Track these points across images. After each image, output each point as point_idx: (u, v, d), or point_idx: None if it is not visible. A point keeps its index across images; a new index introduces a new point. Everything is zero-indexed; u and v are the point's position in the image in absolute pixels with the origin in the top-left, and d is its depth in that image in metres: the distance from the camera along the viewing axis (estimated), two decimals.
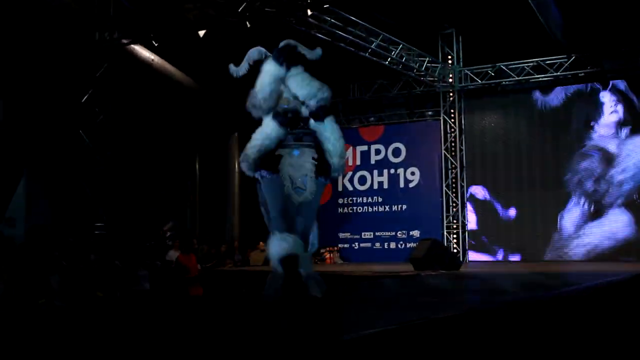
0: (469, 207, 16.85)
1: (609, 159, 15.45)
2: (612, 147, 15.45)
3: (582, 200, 15.58)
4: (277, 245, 5.20)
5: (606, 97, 15.57)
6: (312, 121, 5.29)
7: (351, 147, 17.94)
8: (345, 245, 17.84)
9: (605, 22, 14.44)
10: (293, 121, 5.22)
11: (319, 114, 5.22)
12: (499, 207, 16.53)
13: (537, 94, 16.26)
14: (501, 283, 8.04)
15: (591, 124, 15.67)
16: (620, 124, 15.41)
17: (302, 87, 5.21)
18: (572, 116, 15.88)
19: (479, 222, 16.76)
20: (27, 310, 8.97)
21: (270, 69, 5.21)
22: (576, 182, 15.69)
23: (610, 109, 15.53)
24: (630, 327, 6.72)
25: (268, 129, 5.19)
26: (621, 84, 15.42)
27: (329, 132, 5.30)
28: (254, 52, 5.53)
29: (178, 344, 3.57)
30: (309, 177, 5.22)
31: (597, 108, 15.65)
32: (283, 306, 5.23)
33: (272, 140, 5.17)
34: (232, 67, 5.52)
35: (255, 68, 5.50)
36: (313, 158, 5.28)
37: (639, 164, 15.17)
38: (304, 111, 5.29)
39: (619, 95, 15.48)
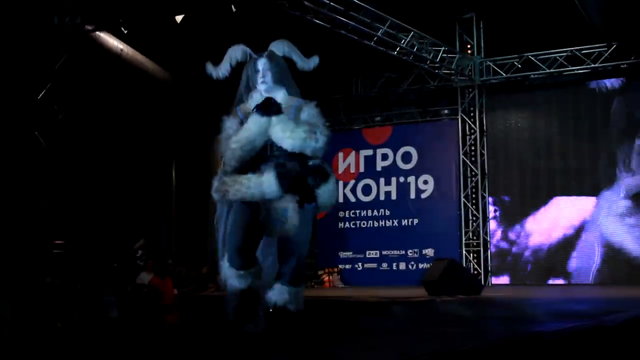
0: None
1: None
2: None
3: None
4: (235, 281, 5.28)
5: None
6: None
7: (353, 152, 17.96)
8: (347, 266, 17.82)
9: None
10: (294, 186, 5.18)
11: (318, 178, 5.19)
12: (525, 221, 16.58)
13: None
14: (529, 310, 8.02)
15: None
16: None
17: (284, 140, 5.17)
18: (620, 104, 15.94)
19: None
20: None
21: (257, 121, 5.21)
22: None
23: None
24: None
25: (268, 190, 5.12)
26: None
27: (323, 190, 5.26)
28: (237, 52, 5.50)
29: None
30: (291, 207, 5.19)
31: None
32: (272, 339, 5.20)
33: (264, 199, 5.15)
34: (209, 66, 5.49)
35: (238, 70, 5.49)
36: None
37: None
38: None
39: None
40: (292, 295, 5.27)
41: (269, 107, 5.18)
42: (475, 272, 16.43)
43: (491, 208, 16.93)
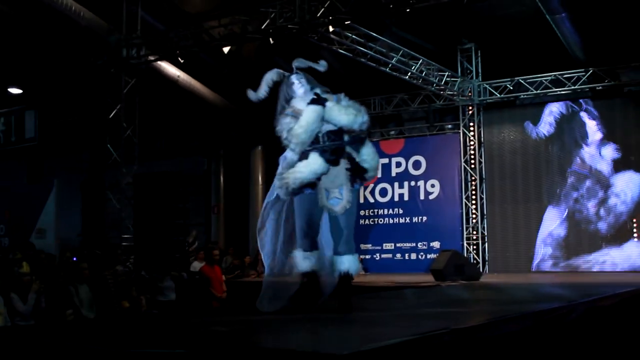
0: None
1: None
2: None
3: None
4: (302, 262, 5.40)
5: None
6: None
7: None
8: (367, 256, 17.81)
9: (622, 37, 14.38)
10: (339, 158, 5.31)
11: (357, 144, 5.34)
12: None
13: (529, 125, 16.35)
14: (519, 293, 8.00)
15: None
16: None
17: (340, 117, 5.29)
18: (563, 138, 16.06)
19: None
20: (55, 320, 9.05)
21: (315, 109, 5.29)
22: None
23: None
24: None
25: (316, 166, 5.24)
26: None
27: (365, 154, 5.38)
28: (273, 74, 5.63)
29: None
30: (345, 186, 5.28)
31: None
32: (298, 316, 5.24)
33: (317, 176, 5.27)
34: (250, 92, 5.60)
35: (274, 90, 5.61)
36: (347, 168, 5.32)
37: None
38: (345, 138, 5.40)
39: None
40: (352, 263, 5.46)
41: (320, 99, 5.32)
42: (475, 261, 16.37)
43: None
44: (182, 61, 14.15)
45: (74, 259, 13.25)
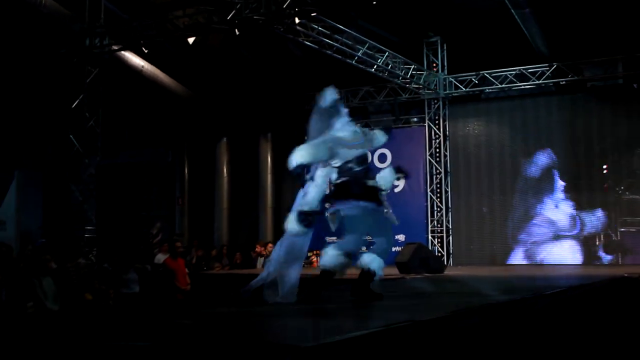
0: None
1: None
2: None
3: None
4: (330, 258, 6.48)
5: None
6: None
7: None
8: None
9: (585, 33, 14.60)
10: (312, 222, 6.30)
11: (400, 175, 6.79)
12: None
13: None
14: (482, 286, 8.10)
15: None
16: None
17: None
18: None
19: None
20: (16, 313, 8.96)
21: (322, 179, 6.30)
22: None
23: None
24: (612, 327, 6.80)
25: (292, 225, 6.25)
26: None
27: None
28: (333, 93, 6.59)
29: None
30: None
31: None
32: (263, 309, 5.26)
33: (298, 233, 6.30)
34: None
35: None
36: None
37: None
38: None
39: None
40: (377, 263, 6.52)
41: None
42: (439, 254, 16.51)
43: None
44: (146, 51, 14.04)
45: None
